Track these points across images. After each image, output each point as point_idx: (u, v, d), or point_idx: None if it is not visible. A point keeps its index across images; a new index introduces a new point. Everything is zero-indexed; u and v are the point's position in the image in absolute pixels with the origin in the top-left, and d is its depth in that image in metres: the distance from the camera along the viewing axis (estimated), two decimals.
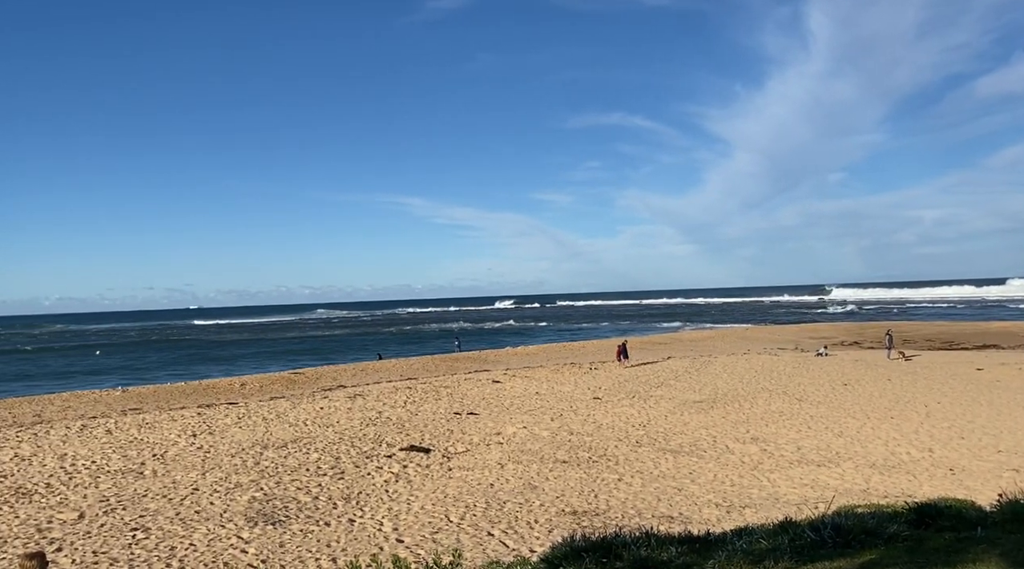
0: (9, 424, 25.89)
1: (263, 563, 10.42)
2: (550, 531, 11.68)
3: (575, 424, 21.12)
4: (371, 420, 22.90)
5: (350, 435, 20.42)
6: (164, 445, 19.90)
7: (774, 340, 58.70)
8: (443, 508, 13.18)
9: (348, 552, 10.88)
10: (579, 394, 27.52)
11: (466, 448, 18.35)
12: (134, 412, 27.85)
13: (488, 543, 11.20)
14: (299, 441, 19.81)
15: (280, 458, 17.72)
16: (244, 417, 24.42)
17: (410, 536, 11.68)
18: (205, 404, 29.39)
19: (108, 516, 13.19)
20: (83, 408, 30.76)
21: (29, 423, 25.84)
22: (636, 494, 13.88)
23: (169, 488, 15.15)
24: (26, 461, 18.41)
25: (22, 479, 16.40)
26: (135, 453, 18.93)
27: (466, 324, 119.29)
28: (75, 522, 12.88)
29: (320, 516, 12.89)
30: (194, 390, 37.04)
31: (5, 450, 20.00)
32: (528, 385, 30.66)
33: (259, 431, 21.64)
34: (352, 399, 27.79)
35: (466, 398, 27.27)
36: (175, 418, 24.81)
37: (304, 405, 26.84)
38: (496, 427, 20.92)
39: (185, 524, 12.59)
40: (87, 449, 19.68)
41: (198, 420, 24.06)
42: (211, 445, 19.67)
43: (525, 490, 14.24)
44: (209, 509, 13.49)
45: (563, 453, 17.39)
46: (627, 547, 6.47)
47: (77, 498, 14.55)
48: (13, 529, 12.56)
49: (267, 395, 32.51)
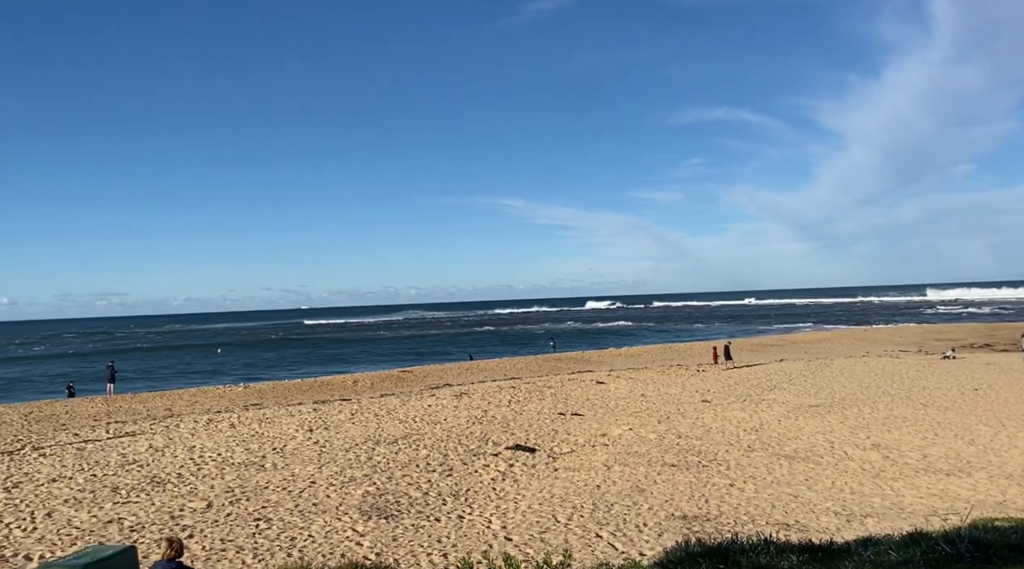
0: (144, 417, 27.78)
1: (377, 556, 10.72)
2: (660, 535, 11.48)
3: (683, 427, 20.69)
4: (477, 418, 23.21)
5: (457, 433, 20.76)
6: (283, 439, 20.84)
7: (895, 342, 55.66)
8: (550, 508, 13.19)
9: (459, 548, 11.05)
10: (686, 396, 26.96)
11: (571, 449, 18.30)
12: (255, 407, 29.32)
13: (596, 545, 11.12)
14: (409, 437, 20.31)
15: (391, 454, 18.22)
16: (357, 413, 25.27)
17: (518, 534, 11.75)
18: (320, 400, 30.58)
19: (233, 506, 13.92)
20: (209, 403, 32.64)
21: (161, 417, 27.64)
22: (749, 500, 13.45)
23: (288, 481, 15.84)
24: (159, 452, 19.69)
25: (156, 469, 17.55)
26: (256, 446, 19.91)
27: (567, 324, 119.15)
28: (204, 511, 13.66)
29: (431, 512, 13.16)
30: (310, 387, 38.62)
31: (141, 441, 21.47)
32: (633, 386, 30.30)
33: (371, 427, 22.32)
34: (458, 397, 28.26)
35: (570, 399, 27.22)
36: (293, 413, 25.96)
37: (413, 402, 27.50)
38: (601, 428, 20.77)
39: (304, 516, 13.13)
40: (213, 442, 20.85)
41: (314, 416, 25.08)
42: (326, 440, 20.45)
43: (632, 493, 14.06)
44: (326, 502, 14.01)
45: (671, 456, 17.07)
46: (745, 553, 6.28)
47: (205, 488, 15.44)
48: (150, 515, 13.45)
49: (378, 392, 33.52)
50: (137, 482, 16.17)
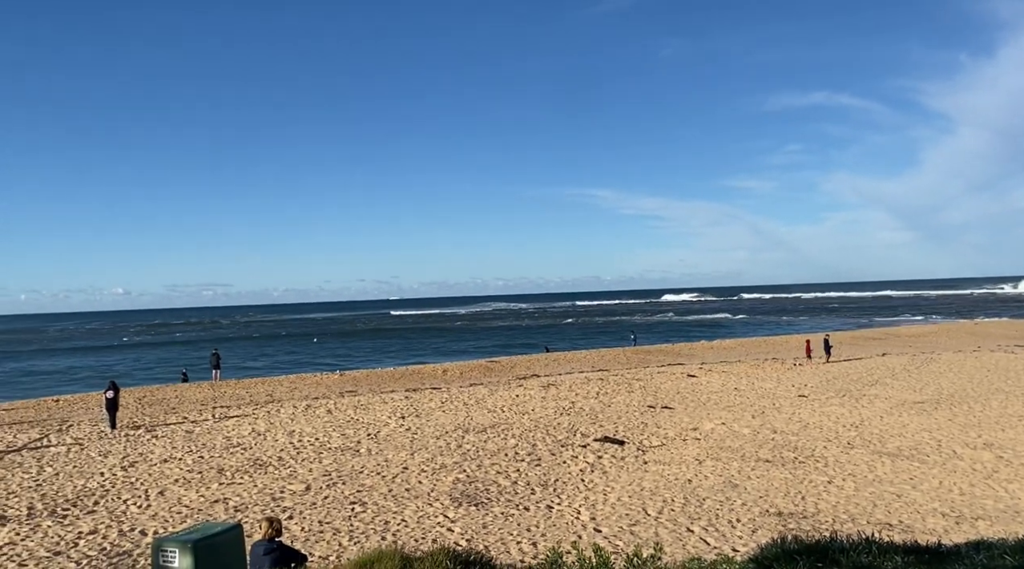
0: (247, 402, 29.08)
1: (468, 542, 10.89)
2: (754, 531, 11.20)
3: (778, 422, 20.09)
4: (565, 410, 23.21)
5: (545, 423, 20.82)
6: (377, 425, 21.43)
7: (1010, 336, 52.33)
8: (639, 501, 13.07)
9: (548, 537, 11.10)
10: (782, 391, 26.17)
11: (661, 442, 18.07)
12: (350, 394, 30.24)
13: (688, 539, 10.95)
14: (497, 427, 20.51)
15: (480, 442, 18.45)
16: (447, 402, 25.70)
17: (607, 526, 11.69)
18: (411, 388, 31.26)
19: (330, 489, 14.41)
20: (307, 389, 33.86)
21: (263, 402, 28.86)
22: (848, 498, 12.94)
23: (382, 466, 16.28)
24: (261, 436, 20.59)
25: (259, 452, 18.35)
26: (352, 432, 20.54)
27: (656, 316, 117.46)
28: (303, 493, 14.20)
29: (519, 500, 13.26)
30: (401, 375, 39.53)
31: (244, 425, 22.50)
32: (726, 380, 29.62)
33: (460, 415, 22.67)
34: (545, 388, 28.33)
35: (660, 392, 26.86)
36: (386, 401, 26.65)
37: (501, 392, 27.75)
38: (692, 422, 20.41)
39: (397, 500, 13.47)
40: (311, 427, 21.64)
41: (406, 403, 25.66)
42: (418, 427, 20.89)
43: (725, 488, 13.77)
44: (418, 487, 14.33)
45: (766, 452, 16.61)
46: (845, 553, 6.04)
47: (304, 471, 16.05)
48: (252, 496, 14.09)
49: (466, 381, 33.98)
50: (241, 464, 16.96)
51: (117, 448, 19.61)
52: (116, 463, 17.58)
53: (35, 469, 17.24)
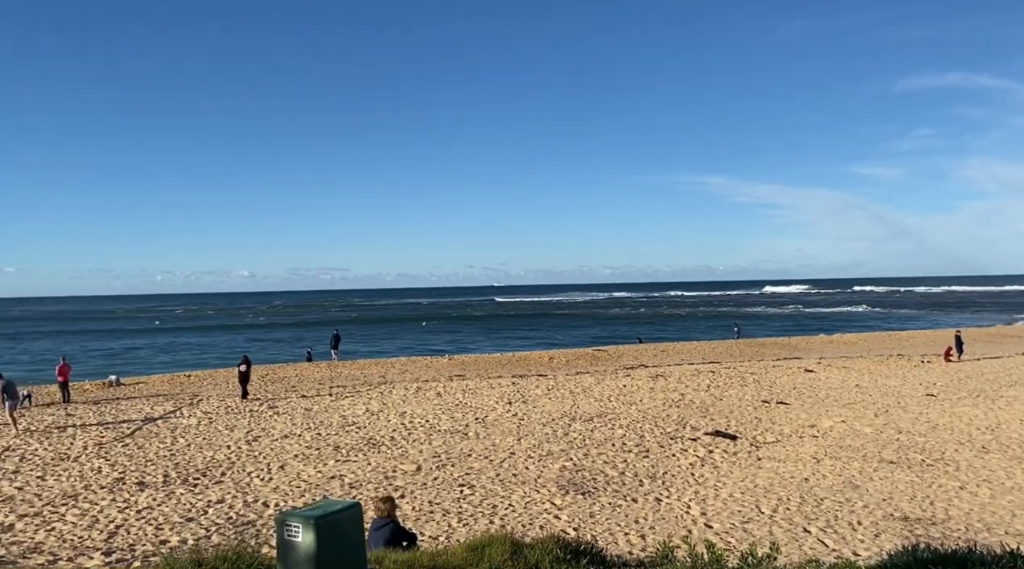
0: (361, 383, 30.13)
1: (575, 530, 10.86)
2: (876, 535, 10.62)
3: (904, 422, 18.97)
4: (674, 402, 22.77)
5: (653, 415, 20.50)
6: (484, 410, 21.72)
7: None
8: (752, 498, 12.64)
9: (656, 531, 10.92)
10: (908, 389, 24.70)
11: (776, 438, 17.42)
12: (459, 378, 30.80)
13: (804, 540, 10.51)
14: (604, 416, 20.36)
15: (587, 431, 18.37)
16: (553, 389, 25.74)
17: (719, 522, 11.38)
18: (518, 375, 31.51)
19: (440, 471, 14.72)
20: (417, 372, 34.75)
21: (376, 383, 29.83)
22: (983, 506, 12.06)
23: (489, 450, 16.48)
24: (375, 416, 21.27)
25: (372, 431, 18.97)
26: (460, 415, 20.90)
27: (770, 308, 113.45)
28: (414, 474, 14.57)
29: (627, 491, 13.11)
30: (508, 361, 39.92)
31: (359, 405, 23.32)
32: (846, 376, 28.26)
33: (567, 403, 22.65)
34: (654, 379, 27.89)
35: (775, 386, 25.92)
36: (493, 386, 26.97)
37: (608, 382, 27.53)
38: (810, 419, 19.58)
39: (504, 485, 13.60)
40: (422, 409, 22.18)
41: (513, 389, 25.88)
42: (524, 413, 21.03)
43: (845, 488, 13.12)
44: (524, 473, 14.42)
45: (890, 452, 15.71)
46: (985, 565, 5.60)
47: (415, 452, 16.46)
48: (366, 474, 14.58)
49: (572, 370, 33.93)
50: (355, 443, 17.58)
51: (242, 422, 20.75)
52: (241, 437, 18.60)
53: (169, 439, 18.49)
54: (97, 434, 19.43)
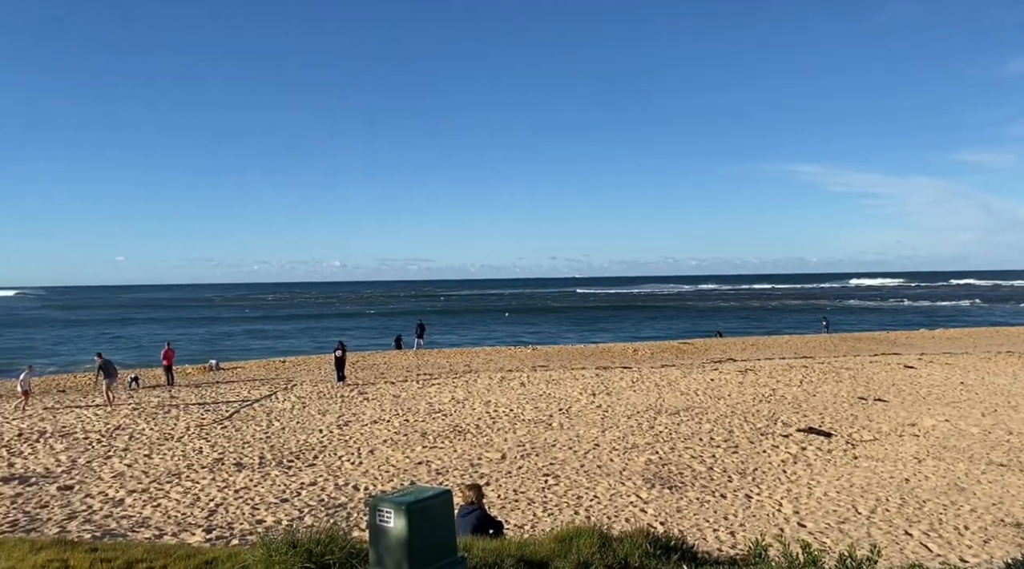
0: (447, 371, 30.55)
1: (662, 525, 10.69)
2: (986, 542, 10.03)
3: (1015, 423, 17.85)
4: (764, 397, 22.13)
5: (742, 410, 19.97)
6: (568, 401, 21.66)
7: None
8: (849, 498, 12.14)
9: (747, 528, 10.63)
10: (1019, 388, 23.23)
11: (873, 437, 16.68)
12: (542, 368, 30.84)
13: (905, 543, 10.02)
14: (691, 410, 19.98)
15: (673, 424, 18.06)
16: (637, 381, 25.43)
17: (813, 522, 10.99)
18: (602, 366, 31.29)
19: (524, 460, 14.76)
20: (502, 362, 34.98)
21: (461, 372, 30.19)
22: None
23: (573, 441, 16.42)
24: (460, 404, 21.52)
25: (458, 419, 19.20)
26: (544, 406, 20.91)
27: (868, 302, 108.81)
28: (499, 462, 14.66)
29: (715, 487, 12.82)
30: (591, 352, 39.70)
31: (445, 393, 23.64)
32: (950, 373, 26.81)
33: (652, 396, 22.33)
34: (743, 373, 27.18)
35: (872, 382, 24.84)
36: (576, 377, 26.87)
37: (695, 375, 27.01)
38: (910, 417, 18.66)
39: (589, 476, 13.52)
40: (506, 398, 22.30)
41: (596, 381, 25.72)
42: (609, 405, 20.85)
43: (950, 491, 12.44)
44: (609, 465, 14.29)
45: (999, 454, 14.81)
46: None
47: (500, 441, 16.57)
48: (453, 461, 14.76)
49: (657, 362, 33.44)
50: (442, 430, 17.83)
51: (333, 407, 21.36)
52: (333, 422, 19.16)
53: (265, 423, 19.22)
54: (198, 416, 20.39)
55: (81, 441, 17.14)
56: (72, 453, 15.85)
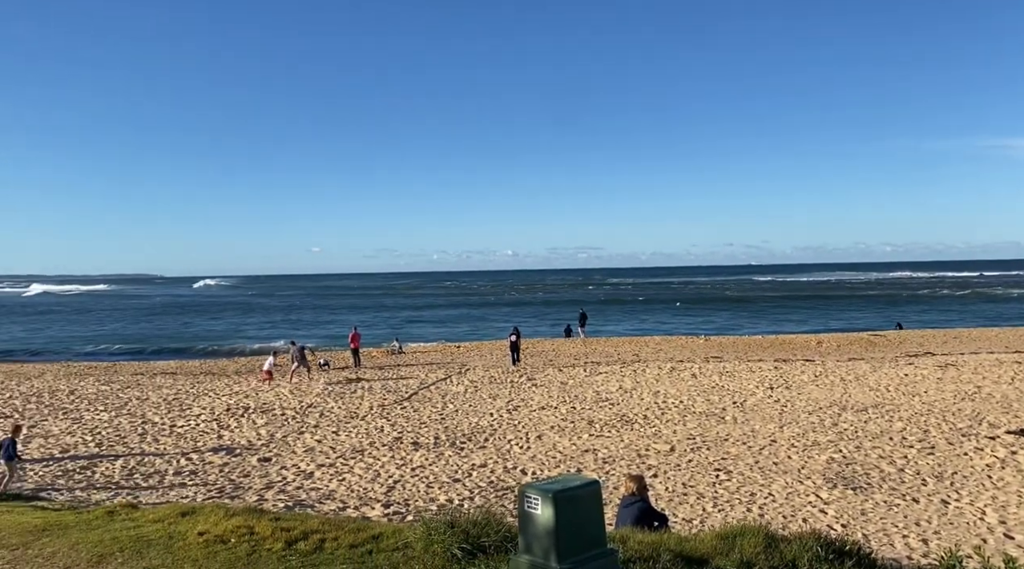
0: (615, 360, 30.36)
1: (843, 528, 9.97)
2: None
3: None
4: (967, 394, 20.04)
5: (940, 408, 18.21)
6: (743, 394, 20.78)
7: None
8: None
9: (942, 536, 9.67)
10: None
11: None
12: (715, 360, 29.83)
13: None
14: (880, 407, 18.50)
15: (859, 422, 16.80)
16: (820, 375, 23.92)
17: (1022, 533, 9.80)
18: (781, 359, 29.76)
19: (694, 453, 14.33)
20: (671, 352, 34.24)
21: (629, 361, 29.87)
22: None
23: (748, 436, 15.73)
24: (628, 393, 21.30)
25: (625, 408, 19.01)
26: (716, 398, 20.20)
27: None
28: (667, 454, 14.34)
29: (906, 490, 11.77)
30: (770, 344, 37.88)
31: (612, 382, 23.50)
32: None
33: (836, 391, 20.91)
34: (942, 369, 24.79)
35: None
36: (753, 369, 25.73)
37: (886, 370, 24.99)
38: None
39: (764, 473, 12.88)
40: (675, 389, 21.79)
41: (775, 374, 24.48)
42: (788, 400, 19.78)
43: None
44: (787, 462, 13.55)
45: None
46: None
47: (668, 432, 16.21)
48: (619, 450, 14.63)
49: (844, 355, 31.29)
50: (608, 418, 17.74)
51: (504, 392, 21.89)
52: (502, 406, 19.63)
53: (440, 405, 20.05)
54: (380, 396, 21.64)
55: (278, 417, 18.74)
56: (271, 428, 17.37)
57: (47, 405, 20.74)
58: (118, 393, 23.03)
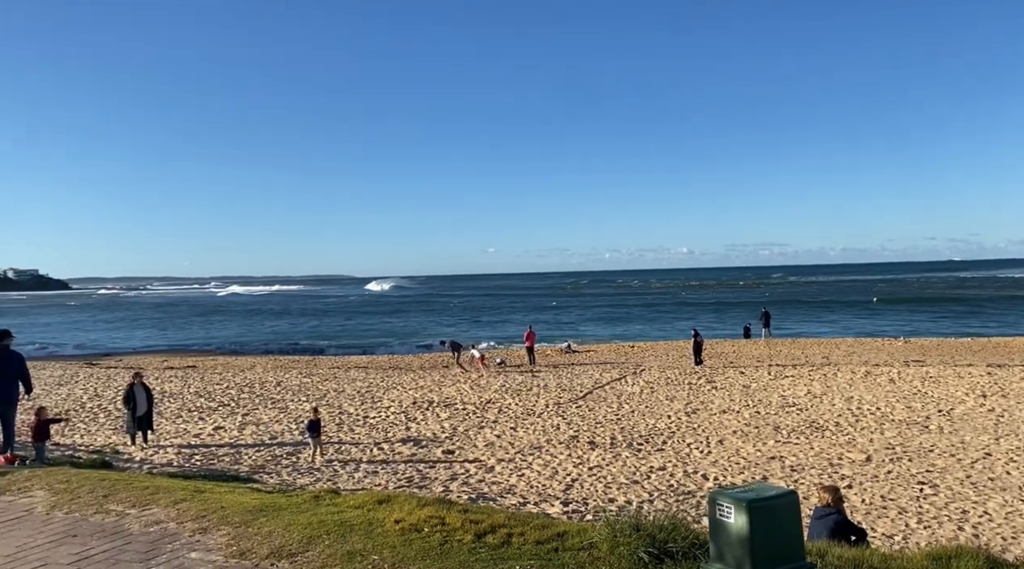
0: (802, 363, 28.74)
1: None
2: None
3: None
4: None
5: None
6: (950, 402, 18.95)
7: None
8: None
9: None
10: None
11: None
12: (916, 364, 27.44)
13: None
14: None
15: None
16: None
17: None
18: (995, 364, 26.83)
19: (894, 464, 13.25)
20: (865, 354, 31.88)
21: (818, 364, 28.16)
22: None
23: (956, 447, 14.32)
24: (817, 398, 20.08)
25: (814, 414, 17.94)
26: (919, 406, 18.57)
27: None
28: (862, 464, 13.35)
29: None
30: (981, 347, 34.28)
31: (799, 386, 22.26)
32: None
33: None
34: None
35: None
36: (961, 375, 23.40)
37: None
38: None
39: (976, 489, 11.66)
40: (871, 395, 20.26)
41: (988, 380, 22.11)
42: (1005, 409, 17.80)
43: None
44: (1005, 478, 12.18)
45: None
46: None
47: (864, 441, 15.09)
48: (809, 459, 13.82)
49: None
50: (796, 424, 16.81)
51: (681, 394, 21.40)
52: (680, 408, 19.19)
53: (615, 405, 19.94)
54: (556, 395, 21.88)
55: (459, 411, 19.48)
56: (453, 421, 18.09)
57: (258, 395, 22.89)
58: (317, 385, 24.97)
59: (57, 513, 6.38)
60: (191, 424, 18.08)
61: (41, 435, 11.89)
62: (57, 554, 5.25)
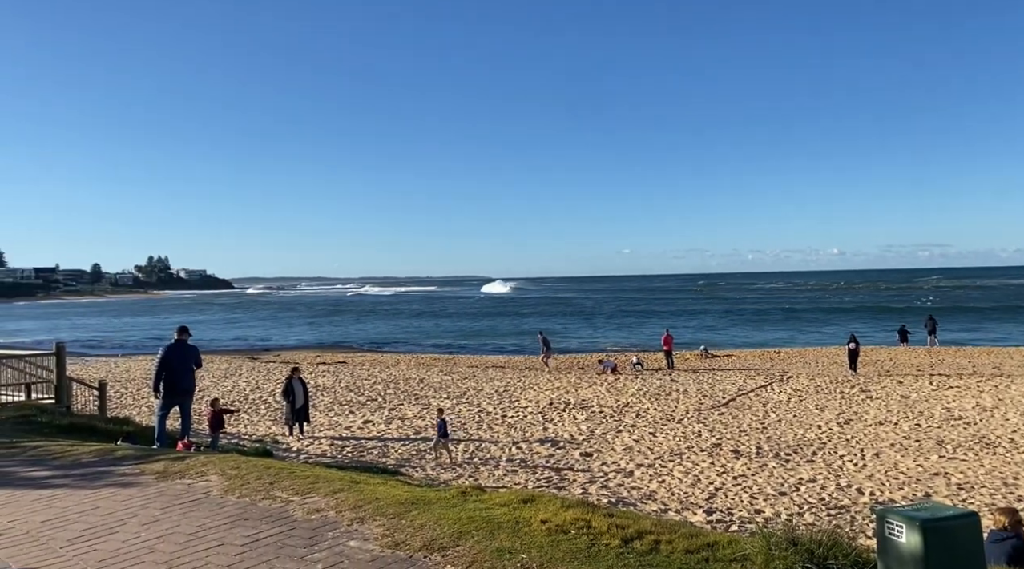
0: (969, 373, 26.53)
1: None
2: None
3: None
4: None
5: None
6: None
7: None
8: None
9: None
10: None
11: None
12: None
13: None
14: None
15: None
16: None
17: None
18: None
19: None
20: None
21: (988, 375, 25.90)
22: None
23: None
24: (987, 412, 18.48)
25: (984, 429, 16.52)
26: None
27: None
28: None
29: None
30: None
31: (967, 398, 20.57)
32: None
33: None
34: None
35: None
36: None
37: None
38: None
39: None
40: None
41: None
42: None
43: None
44: None
45: None
46: None
47: None
48: (979, 477, 12.74)
49: None
50: (963, 439, 15.55)
51: (832, 403, 20.30)
52: (832, 418, 18.21)
53: (761, 413, 19.20)
54: (696, 400, 21.36)
55: (597, 414, 19.42)
56: (590, 424, 18.06)
57: (402, 391, 23.83)
58: (457, 383, 25.67)
59: (230, 497, 6.91)
60: (342, 417, 19.08)
61: (216, 424, 12.97)
62: (231, 535, 5.69)
